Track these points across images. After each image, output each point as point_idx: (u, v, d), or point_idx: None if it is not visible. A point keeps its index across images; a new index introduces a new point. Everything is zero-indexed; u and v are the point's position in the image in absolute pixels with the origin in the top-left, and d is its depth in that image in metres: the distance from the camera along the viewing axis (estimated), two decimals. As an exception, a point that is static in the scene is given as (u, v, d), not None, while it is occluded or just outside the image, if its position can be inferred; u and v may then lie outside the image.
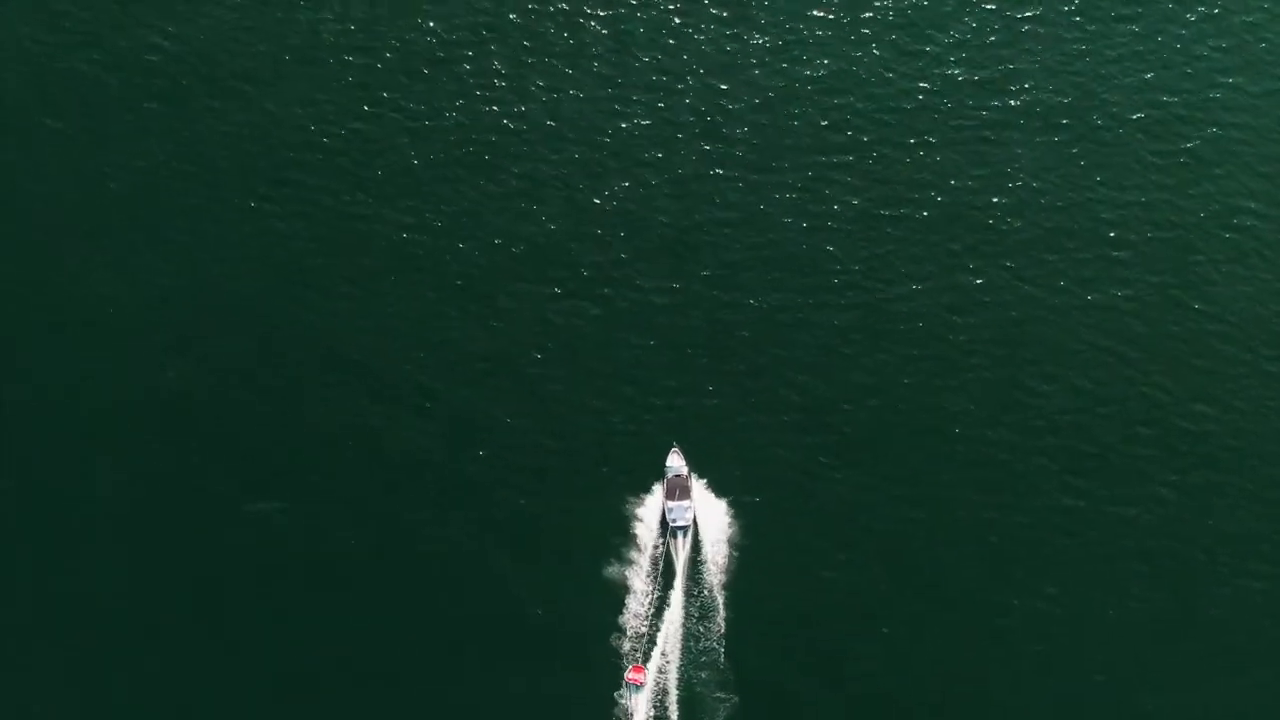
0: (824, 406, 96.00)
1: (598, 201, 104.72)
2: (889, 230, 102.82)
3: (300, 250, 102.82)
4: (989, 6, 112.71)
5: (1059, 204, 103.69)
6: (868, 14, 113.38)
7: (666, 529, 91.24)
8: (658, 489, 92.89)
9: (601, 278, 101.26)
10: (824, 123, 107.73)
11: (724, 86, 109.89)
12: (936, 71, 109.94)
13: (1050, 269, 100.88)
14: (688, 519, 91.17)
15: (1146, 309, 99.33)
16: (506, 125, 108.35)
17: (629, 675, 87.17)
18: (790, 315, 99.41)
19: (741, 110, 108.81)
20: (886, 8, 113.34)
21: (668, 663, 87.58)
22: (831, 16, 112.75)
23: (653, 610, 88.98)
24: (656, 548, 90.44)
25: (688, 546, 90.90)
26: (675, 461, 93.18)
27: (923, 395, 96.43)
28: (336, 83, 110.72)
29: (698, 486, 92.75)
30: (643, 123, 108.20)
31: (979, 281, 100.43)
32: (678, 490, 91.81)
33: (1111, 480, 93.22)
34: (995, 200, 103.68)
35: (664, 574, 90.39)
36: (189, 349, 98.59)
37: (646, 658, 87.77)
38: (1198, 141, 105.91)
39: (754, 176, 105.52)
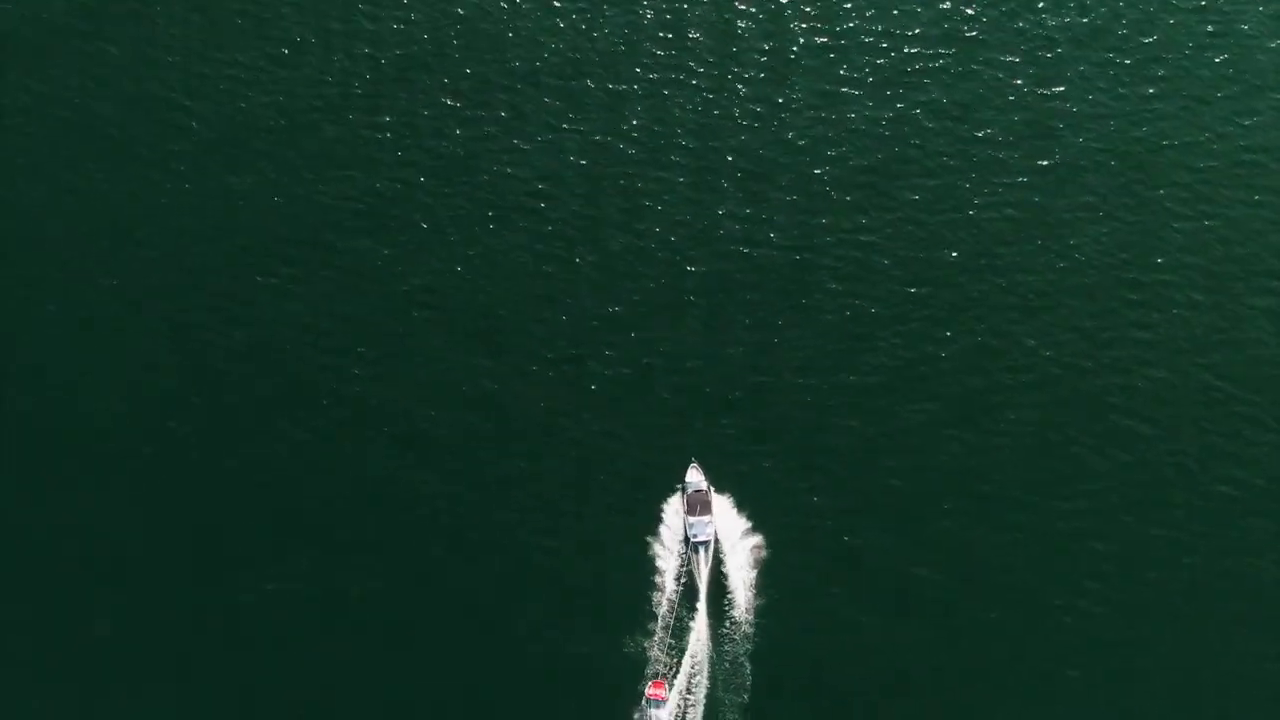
0: (855, 477, 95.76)
1: (629, 263, 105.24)
2: (916, 306, 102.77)
3: (323, 309, 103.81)
4: (1017, 82, 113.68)
5: (1086, 281, 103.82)
6: (899, 86, 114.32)
7: (688, 544, 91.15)
8: (677, 505, 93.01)
9: (634, 341, 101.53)
10: (848, 198, 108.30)
11: (759, 153, 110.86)
12: (962, 148, 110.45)
13: (1075, 350, 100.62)
14: (709, 533, 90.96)
15: (1171, 389, 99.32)
16: (536, 187, 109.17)
17: (649, 691, 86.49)
18: (821, 386, 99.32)
19: (775, 178, 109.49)
20: (916, 86, 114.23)
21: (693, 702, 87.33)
22: (861, 91, 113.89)
23: (674, 633, 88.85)
24: (676, 619, 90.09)
25: (710, 561, 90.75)
26: (694, 477, 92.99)
27: (952, 470, 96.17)
28: (361, 142, 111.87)
29: (717, 501, 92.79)
30: (676, 185, 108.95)
31: (1007, 362, 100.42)
32: (699, 505, 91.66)
33: (1137, 561, 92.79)
34: (1020, 278, 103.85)
35: (687, 592, 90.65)
36: (210, 404, 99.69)
37: (672, 677, 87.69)
38: (1223, 219, 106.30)
39: (786, 244, 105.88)
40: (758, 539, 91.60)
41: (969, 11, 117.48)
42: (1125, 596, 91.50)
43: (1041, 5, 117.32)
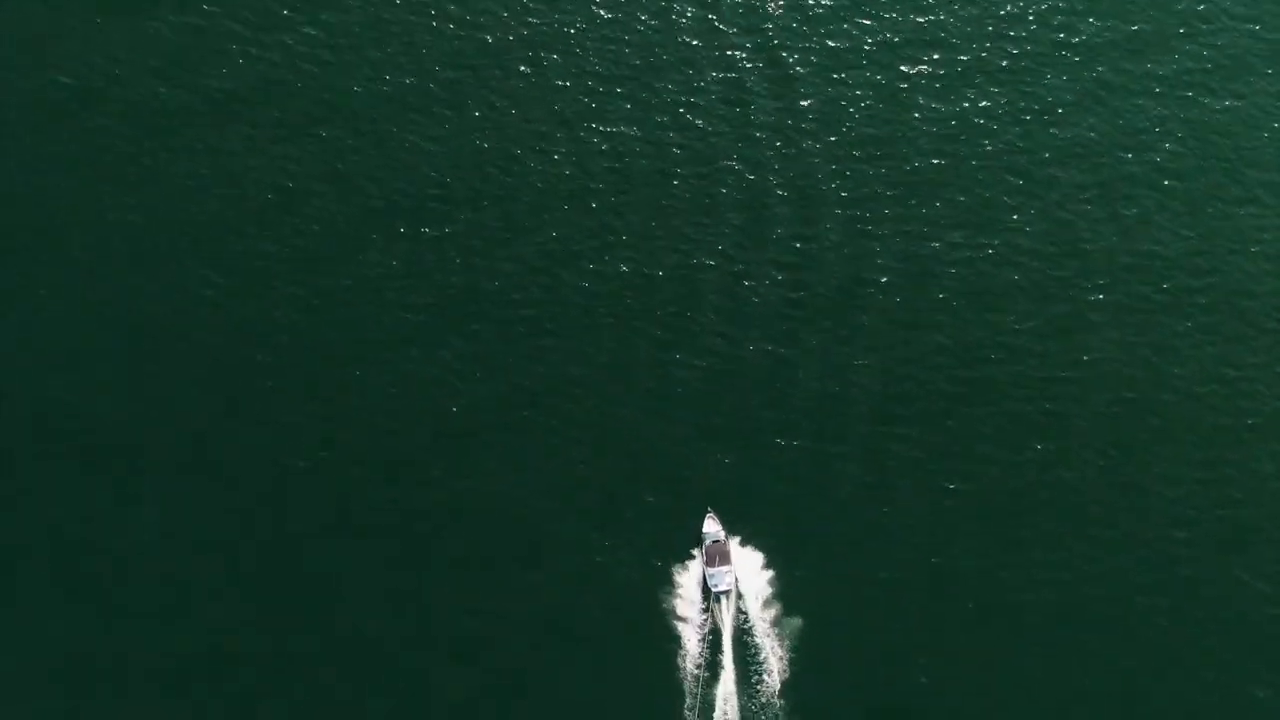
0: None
1: (655, 406, 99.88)
2: (957, 406, 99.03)
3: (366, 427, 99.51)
4: (1095, 221, 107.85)
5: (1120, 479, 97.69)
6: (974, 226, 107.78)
7: (709, 595, 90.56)
8: (696, 557, 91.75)
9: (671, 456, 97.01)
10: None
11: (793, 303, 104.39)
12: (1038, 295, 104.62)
13: (1104, 564, 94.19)
14: (729, 583, 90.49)
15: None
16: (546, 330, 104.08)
17: None
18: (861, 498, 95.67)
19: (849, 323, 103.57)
20: (998, 229, 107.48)
21: None
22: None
23: (702, 683, 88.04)
24: (699, 671, 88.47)
25: (732, 609, 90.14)
26: (712, 527, 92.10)
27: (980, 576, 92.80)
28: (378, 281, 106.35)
29: (735, 548, 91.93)
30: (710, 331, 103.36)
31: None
32: (717, 556, 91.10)
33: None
34: (1070, 492, 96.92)
35: (712, 642, 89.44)
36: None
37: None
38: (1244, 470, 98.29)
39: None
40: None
41: (1049, 142, 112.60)
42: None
43: (1127, 154, 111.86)
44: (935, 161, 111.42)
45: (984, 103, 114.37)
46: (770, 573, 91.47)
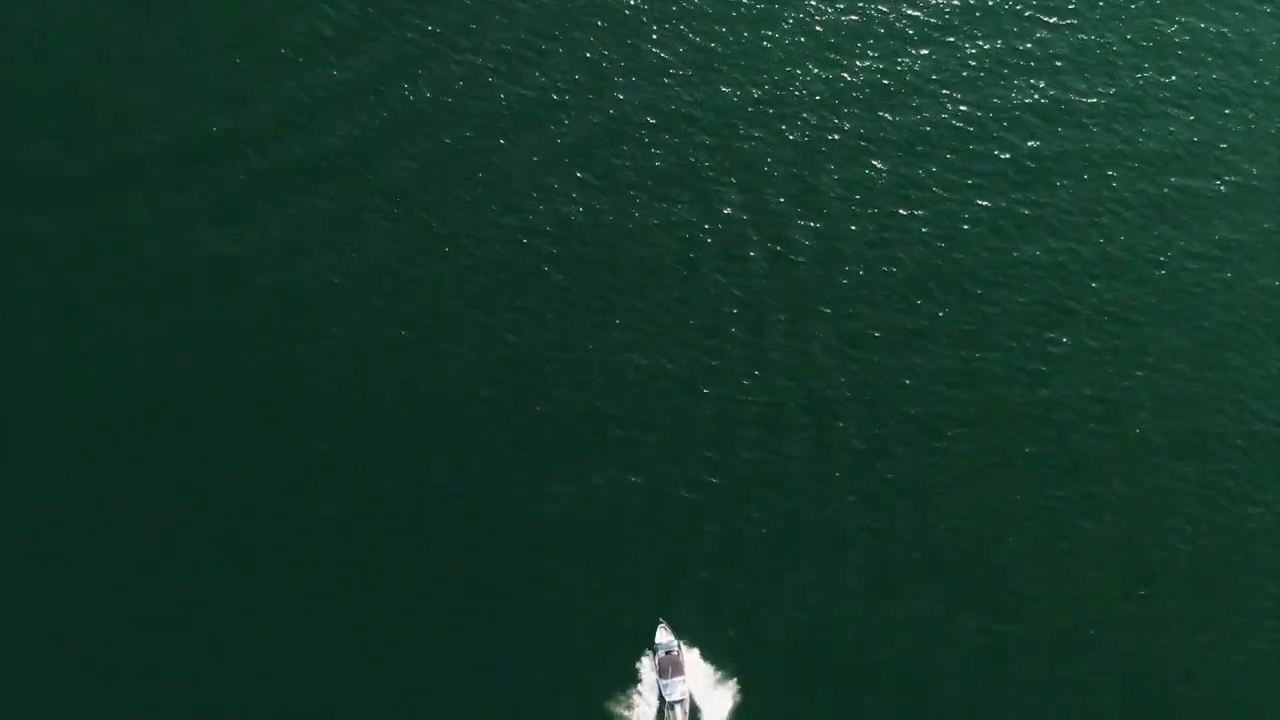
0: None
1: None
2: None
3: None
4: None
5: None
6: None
7: (664, 705, 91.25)
8: (649, 667, 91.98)
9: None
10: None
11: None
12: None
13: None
14: (684, 692, 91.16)
15: None
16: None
17: None
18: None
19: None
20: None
21: None
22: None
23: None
24: None
25: (686, 717, 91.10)
26: (665, 637, 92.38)
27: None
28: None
29: (688, 657, 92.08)
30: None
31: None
32: (670, 667, 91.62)
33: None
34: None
35: None
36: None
37: None
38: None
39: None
40: None
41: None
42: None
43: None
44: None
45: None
46: (723, 678, 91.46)
